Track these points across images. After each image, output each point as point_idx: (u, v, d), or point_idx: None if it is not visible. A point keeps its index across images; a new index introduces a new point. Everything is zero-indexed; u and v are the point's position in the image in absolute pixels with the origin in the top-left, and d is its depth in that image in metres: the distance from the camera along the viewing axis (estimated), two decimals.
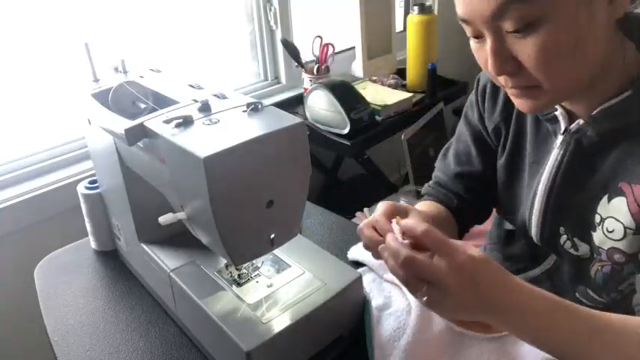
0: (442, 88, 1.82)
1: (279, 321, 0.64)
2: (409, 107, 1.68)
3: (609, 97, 0.67)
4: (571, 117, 0.73)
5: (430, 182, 0.98)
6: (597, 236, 0.72)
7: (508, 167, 0.85)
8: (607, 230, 0.70)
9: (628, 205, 0.67)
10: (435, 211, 0.91)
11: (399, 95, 1.68)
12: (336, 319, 0.70)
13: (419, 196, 1.40)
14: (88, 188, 0.93)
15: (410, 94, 1.70)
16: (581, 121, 0.71)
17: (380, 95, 1.67)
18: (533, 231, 0.81)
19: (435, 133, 1.82)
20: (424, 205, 0.92)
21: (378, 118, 1.59)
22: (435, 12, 1.93)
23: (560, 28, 0.59)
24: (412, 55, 1.82)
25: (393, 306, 0.75)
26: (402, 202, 0.74)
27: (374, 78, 1.83)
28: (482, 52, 0.66)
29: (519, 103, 0.69)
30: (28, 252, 1.08)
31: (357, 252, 0.87)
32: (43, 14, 1.30)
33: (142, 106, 0.78)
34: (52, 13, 1.32)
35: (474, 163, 0.91)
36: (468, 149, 0.92)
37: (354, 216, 1.78)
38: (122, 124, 0.64)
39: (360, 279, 0.72)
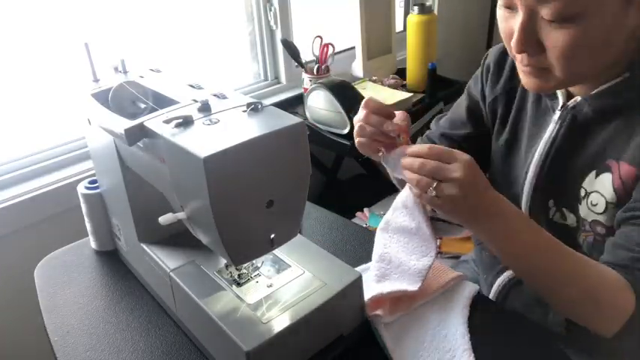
0: (442, 88, 1.82)
1: (279, 321, 0.64)
2: (409, 107, 1.68)
3: (608, 81, 0.72)
4: (569, 95, 0.78)
5: (423, 135, 1.07)
6: (582, 209, 0.76)
7: (509, 143, 0.89)
8: (591, 204, 0.75)
9: (612, 181, 0.71)
10: None
11: (399, 95, 1.68)
12: (336, 319, 0.70)
13: None
14: (88, 188, 0.93)
15: (410, 94, 1.70)
16: (578, 98, 0.75)
17: (380, 95, 1.67)
18: (523, 205, 0.85)
19: None
20: None
21: None
22: (435, 12, 1.93)
23: (594, 27, 0.62)
24: (412, 55, 1.82)
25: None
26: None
27: (374, 78, 1.83)
28: (509, 24, 0.69)
29: (527, 82, 0.74)
30: (28, 252, 1.08)
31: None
32: (43, 14, 1.30)
33: (142, 106, 0.78)
34: (52, 13, 1.31)
35: (461, 130, 0.98)
36: (461, 116, 0.98)
37: (354, 216, 1.78)
38: (122, 124, 0.64)
39: (360, 279, 0.72)
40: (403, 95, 1.68)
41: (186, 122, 0.61)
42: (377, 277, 0.77)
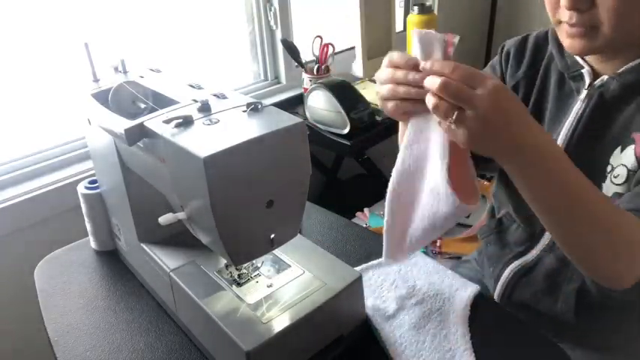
0: None
1: (279, 321, 0.64)
2: None
3: (633, 59, 0.74)
4: (595, 76, 0.78)
5: None
6: (605, 186, 0.76)
7: None
8: (613, 177, 0.75)
9: (635, 151, 0.72)
10: None
11: None
12: (336, 319, 0.70)
13: None
14: (88, 188, 0.93)
15: None
16: (605, 77, 0.77)
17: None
18: None
19: None
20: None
21: (378, 118, 1.58)
22: (435, 12, 1.93)
23: None
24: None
25: None
26: None
27: (374, 78, 1.83)
28: None
29: (571, 43, 0.74)
30: (28, 252, 1.08)
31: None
32: (43, 14, 1.30)
33: (142, 106, 0.78)
34: (52, 13, 1.31)
35: None
36: None
37: (354, 216, 1.78)
38: (122, 124, 0.64)
39: (360, 279, 0.72)
40: None
41: (186, 122, 0.61)
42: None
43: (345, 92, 1.51)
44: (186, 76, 0.78)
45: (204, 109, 0.63)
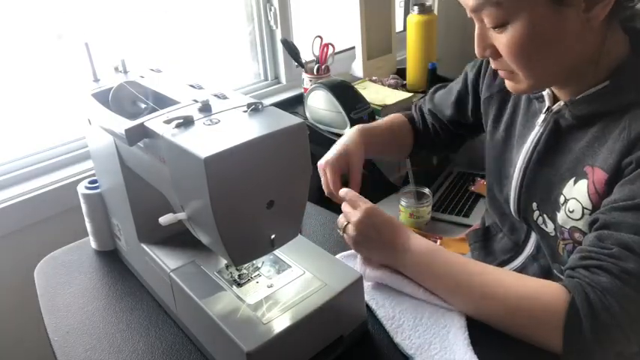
0: None
1: (280, 321, 0.64)
2: (409, 107, 1.68)
3: (591, 86, 0.73)
4: (556, 98, 0.80)
5: (417, 103, 1.17)
6: (560, 216, 0.77)
7: (503, 142, 0.92)
8: (569, 210, 0.76)
9: (587, 187, 0.72)
10: (395, 122, 1.13)
11: (399, 95, 1.68)
12: (336, 319, 0.70)
13: (419, 196, 1.41)
14: (88, 188, 0.93)
15: (410, 94, 1.70)
16: (562, 103, 0.78)
17: (380, 95, 1.67)
18: (512, 205, 0.87)
19: None
20: (392, 117, 1.15)
21: (378, 118, 1.59)
22: (435, 12, 1.93)
23: (528, 31, 0.67)
24: (412, 55, 1.82)
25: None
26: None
27: (374, 78, 1.83)
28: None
29: (506, 84, 0.79)
30: (28, 252, 1.08)
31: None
32: (43, 14, 1.30)
33: (143, 106, 0.78)
34: (53, 13, 1.31)
35: (447, 112, 1.06)
36: (451, 99, 1.05)
37: None
38: (122, 124, 0.64)
39: (360, 279, 0.72)
40: (403, 95, 1.68)
41: (186, 122, 0.61)
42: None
43: (345, 92, 1.51)
44: (187, 76, 0.78)
45: (205, 109, 0.63)
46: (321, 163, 0.97)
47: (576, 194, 0.74)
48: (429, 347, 0.69)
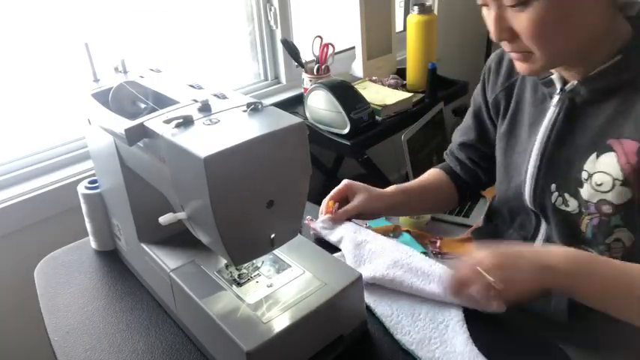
0: (442, 88, 1.82)
1: (280, 321, 0.64)
2: (409, 107, 1.68)
3: (600, 64, 0.75)
4: (565, 81, 0.81)
5: (447, 149, 1.12)
6: (585, 191, 0.78)
7: (507, 134, 0.93)
8: (596, 184, 0.77)
9: (617, 158, 0.74)
10: (432, 179, 1.09)
11: (399, 95, 1.68)
12: (336, 318, 0.70)
13: None
14: (88, 188, 0.93)
15: (410, 94, 1.70)
16: (575, 82, 0.79)
17: (380, 95, 1.67)
18: (527, 191, 0.87)
19: (435, 133, 1.81)
20: (427, 174, 1.11)
21: (378, 118, 1.59)
22: (435, 12, 1.93)
23: (549, 6, 0.68)
24: (412, 55, 1.82)
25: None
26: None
27: (374, 78, 1.83)
28: (488, 19, 0.75)
29: (518, 66, 0.79)
30: (28, 252, 1.08)
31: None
32: (43, 14, 1.30)
33: (142, 106, 0.78)
34: (53, 13, 1.31)
35: (472, 135, 1.04)
36: (469, 122, 1.05)
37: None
38: (122, 124, 0.64)
39: (360, 279, 0.72)
40: (403, 95, 1.68)
41: (186, 122, 0.61)
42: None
43: (345, 92, 1.51)
44: (187, 76, 0.78)
45: (205, 109, 0.63)
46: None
47: (603, 167, 0.76)
48: (429, 342, 0.70)
